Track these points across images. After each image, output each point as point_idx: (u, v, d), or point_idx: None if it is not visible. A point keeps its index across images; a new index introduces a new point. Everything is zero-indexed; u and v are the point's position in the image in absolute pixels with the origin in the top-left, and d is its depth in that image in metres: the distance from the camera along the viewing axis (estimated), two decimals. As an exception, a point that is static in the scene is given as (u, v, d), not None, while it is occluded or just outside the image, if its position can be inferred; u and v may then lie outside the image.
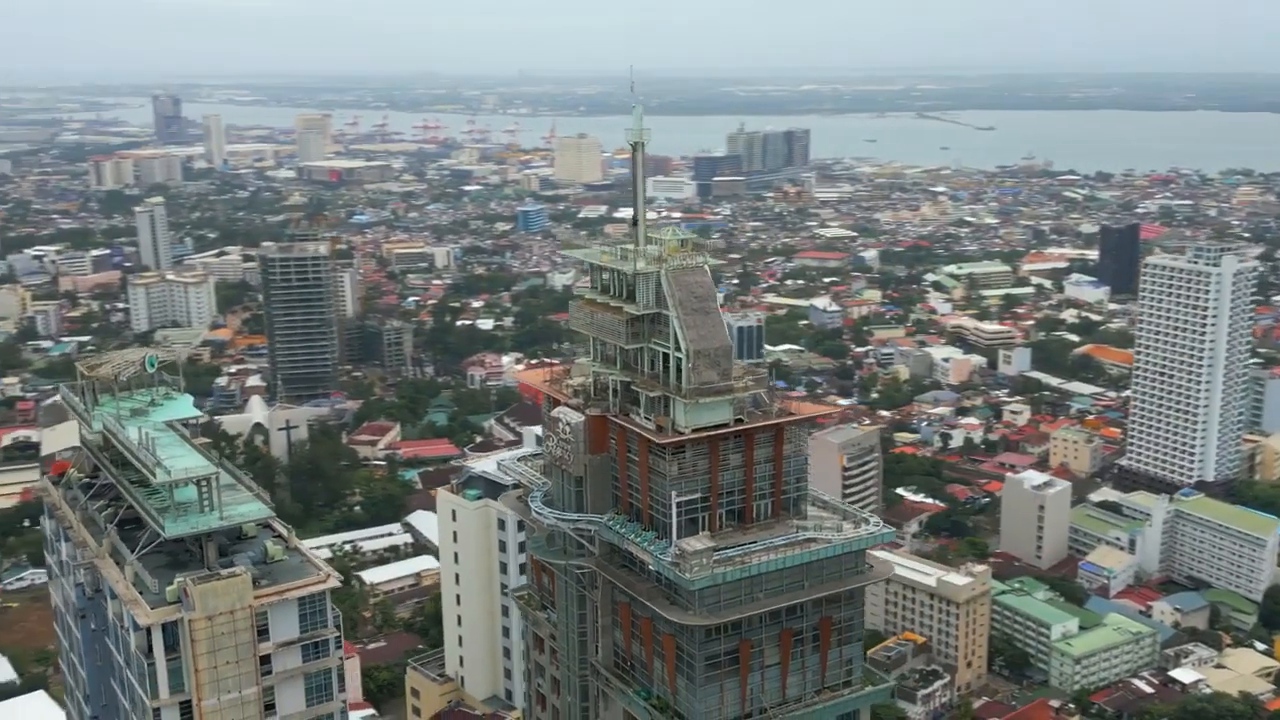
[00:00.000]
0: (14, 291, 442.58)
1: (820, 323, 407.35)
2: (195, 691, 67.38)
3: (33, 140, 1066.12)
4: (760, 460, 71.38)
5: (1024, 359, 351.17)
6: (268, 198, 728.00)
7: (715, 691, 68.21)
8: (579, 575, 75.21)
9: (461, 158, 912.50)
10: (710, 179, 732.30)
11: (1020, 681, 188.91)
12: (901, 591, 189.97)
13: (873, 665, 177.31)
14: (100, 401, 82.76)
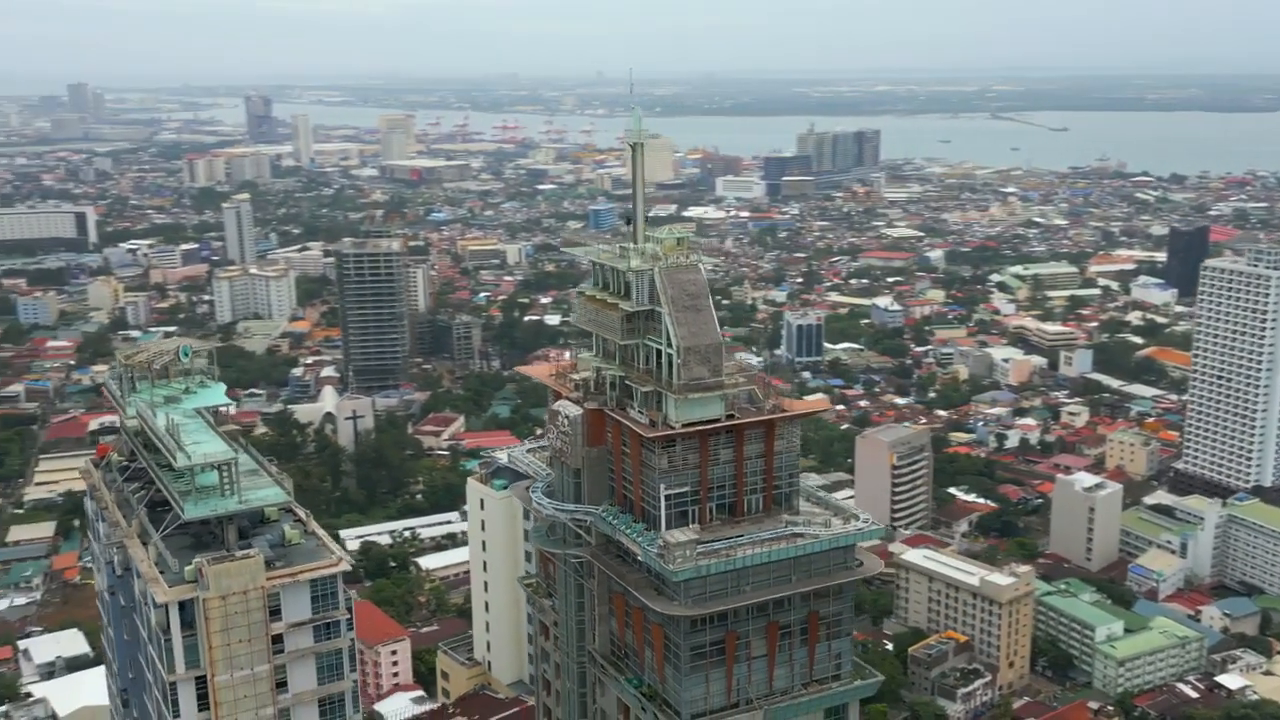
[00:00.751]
0: (108, 283, 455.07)
1: (882, 322, 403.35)
2: (209, 667, 69.10)
3: (133, 139, 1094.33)
4: (751, 455, 71.16)
5: (1085, 360, 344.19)
6: (350, 195, 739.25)
7: (701, 681, 68.26)
8: (577, 565, 75.80)
9: (538, 157, 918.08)
10: (779, 179, 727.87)
11: (1063, 683, 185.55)
12: (945, 590, 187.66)
13: (913, 663, 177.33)
14: (138, 389, 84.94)
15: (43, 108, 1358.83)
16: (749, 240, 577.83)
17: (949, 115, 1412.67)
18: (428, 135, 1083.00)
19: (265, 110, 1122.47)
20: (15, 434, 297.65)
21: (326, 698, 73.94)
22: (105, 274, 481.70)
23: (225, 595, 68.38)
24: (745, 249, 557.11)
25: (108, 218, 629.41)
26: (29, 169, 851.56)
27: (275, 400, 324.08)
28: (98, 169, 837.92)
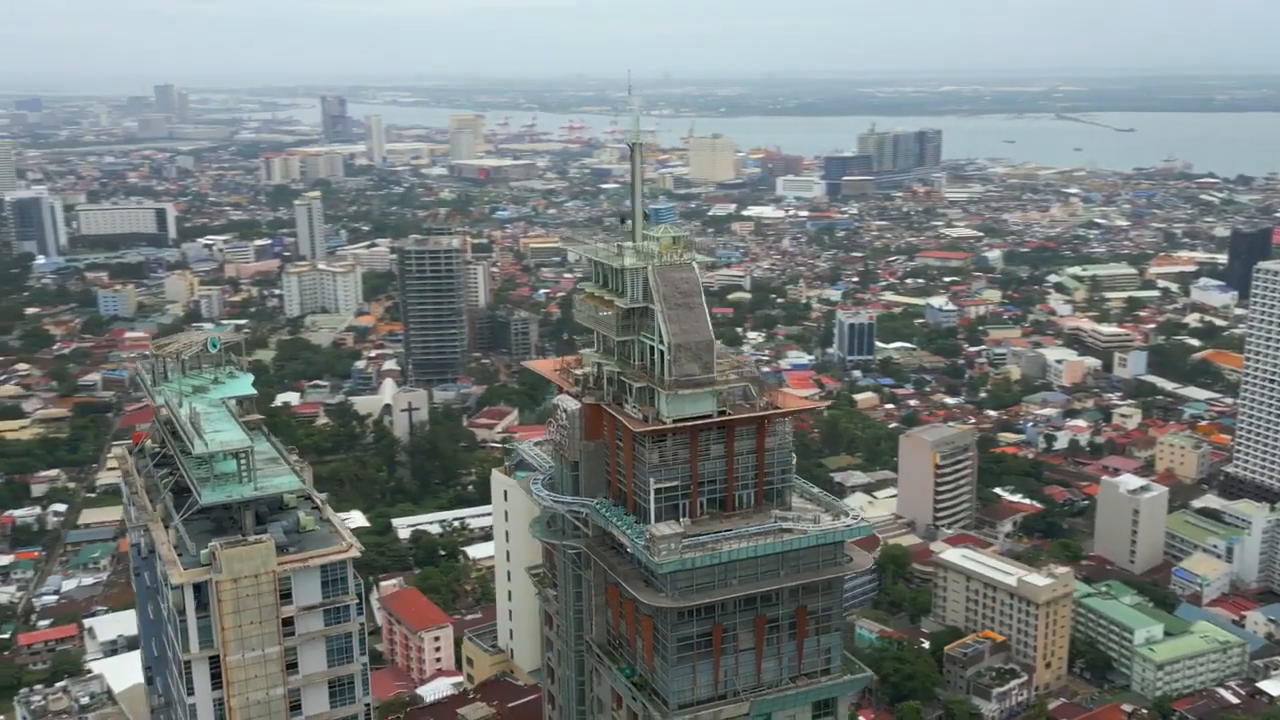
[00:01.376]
0: (184, 277, 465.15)
1: (936, 321, 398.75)
2: (222, 647, 70.58)
3: (214, 138, 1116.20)
4: (742, 451, 70.93)
5: (1140, 362, 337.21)
6: (420, 193, 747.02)
7: (688, 672, 68.21)
8: (574, 556, 76.18)
9: (603, 157, 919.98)
10: (840, 178, 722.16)
11: (1101, 685, 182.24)
12: (982, 590, 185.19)
13: (949, 661, 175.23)
14: (170, 378, 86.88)
15: (131, 108, 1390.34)
16: (806, 239, 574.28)
17: (1014, 116, 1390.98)
18: (496, 135, 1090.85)
19: (340, 110, 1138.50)
20: (91, 421, 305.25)
21: (336, 680, 75.13)
22: (182, 268, 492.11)
23: (237, 578, 69.79)
24: (802, 248, 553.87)
25: (187, 214, 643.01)
26: (116, 167, 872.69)
27: (338, 392, 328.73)
28: (180, 167, 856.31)
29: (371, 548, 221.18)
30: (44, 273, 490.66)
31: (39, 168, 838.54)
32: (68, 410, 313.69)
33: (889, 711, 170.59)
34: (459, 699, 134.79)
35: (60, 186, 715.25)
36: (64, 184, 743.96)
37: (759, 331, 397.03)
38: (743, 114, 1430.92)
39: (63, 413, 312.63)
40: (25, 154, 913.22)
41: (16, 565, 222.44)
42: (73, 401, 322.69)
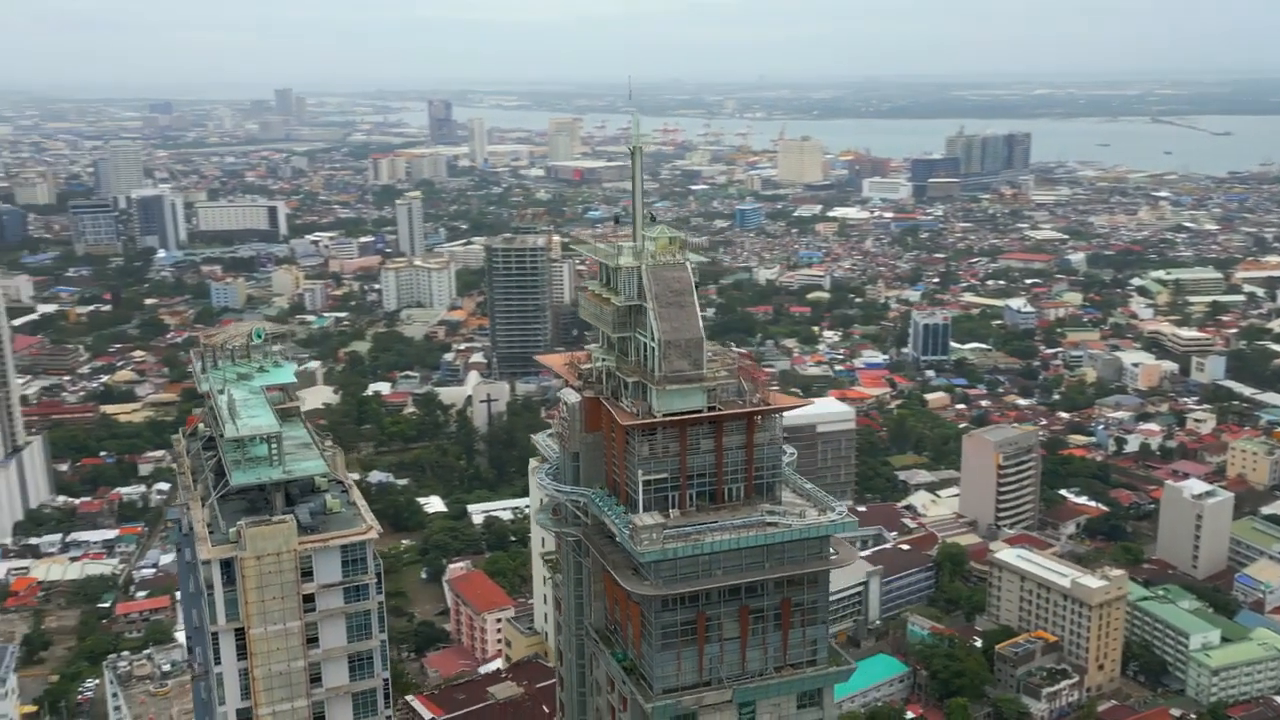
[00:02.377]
0: (290, 271, 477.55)
1: (1013, 323, 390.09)
2: (246, 620, 72.88)
3: (328, 140, 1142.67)
4: (732, 446, 70.65)
5: (1218, 367, 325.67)
6: (516, 194, 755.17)
7: (673, 658, 68.26)
8: (574, 543, 76.83)
9: (694, 159, 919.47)
10: (926, 180, 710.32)
11: (1156, 689, 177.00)
12: (1036, 590, 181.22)
13: (1000, 660, 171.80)
14: (219, 366, 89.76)
15: (252, 111, 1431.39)
16: (889, 240, 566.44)
17: (1108, 119, 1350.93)
18: (593, 138, 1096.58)
19: (445, 114, 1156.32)
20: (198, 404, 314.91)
21: (356, 655, 76.95)
22: (290, 263, 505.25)
23: (260, 555, 71.98)
24: (884, 249, 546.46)
25: (298, 211, 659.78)
26: (235, 166, 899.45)
27: (427, 383, 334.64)
28: (294, 167, 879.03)
29: (446, 531, 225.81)
30: (163, 266, 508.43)
31: (166, 167, 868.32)
32: (176, 395, 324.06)
33: (938, 707, 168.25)
34: (491, 678, 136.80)
35: (184, 185, 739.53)
36: (187, 183, 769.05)
37: (835, 331, 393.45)
38: (836, 117, 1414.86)
39: (172, 397, 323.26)
40: (154, 154, 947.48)
41: (120, 539, 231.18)
42: (181, 387, 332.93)
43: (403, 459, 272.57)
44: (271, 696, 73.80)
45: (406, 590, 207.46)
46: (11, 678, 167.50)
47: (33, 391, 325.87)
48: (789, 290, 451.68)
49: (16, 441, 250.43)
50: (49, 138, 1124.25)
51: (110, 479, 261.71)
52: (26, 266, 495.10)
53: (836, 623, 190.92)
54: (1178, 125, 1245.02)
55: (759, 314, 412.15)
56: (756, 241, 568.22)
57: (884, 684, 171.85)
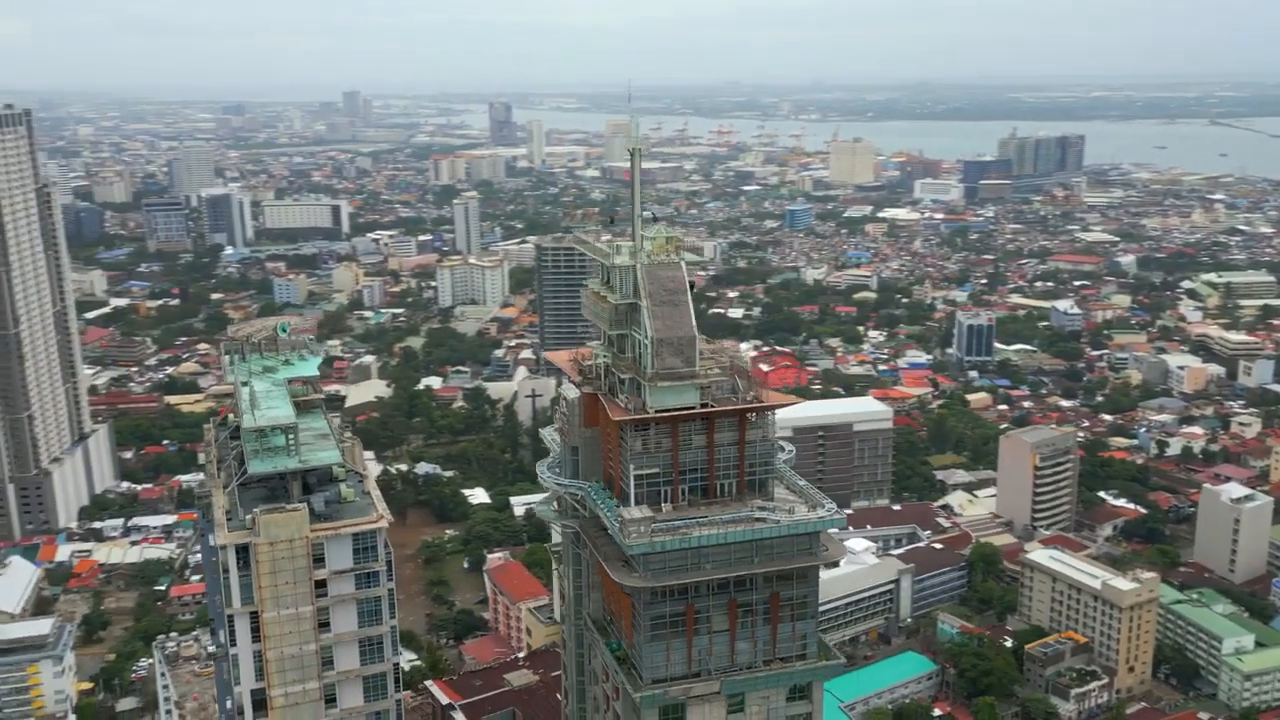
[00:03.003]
0: (349, 269, 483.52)
1: (1060, 324, 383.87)
2: (260, 604, 74.21)
3: (392, 141, 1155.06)
4: (724, 443, 70.44)
5: (1266, 371, 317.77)
6: (573, 194, 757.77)
7: (662, 649, 68.26)
8: (573, 535, 77.09)
9: (747, 160, 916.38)
10: (977, 182, 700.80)
11: (1187, 692, 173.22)
12: (1067, 591, 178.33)
13: (1029, 660, 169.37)
14: (248, 359, 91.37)
15: (321, 113, 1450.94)
16: (938, 241, 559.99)
17: (1165, 121, 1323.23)
18: (649, 139, 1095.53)
19: (506, 116, 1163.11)
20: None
21: (366, 639, 77.99)
22: (351, 260, 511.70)
23: (274, 542, 73.24)
24: (933, 249, 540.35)
25: (361, 210, 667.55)
26: (303, 166, 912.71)
27: (477, 378, 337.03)
28: (359, 167, 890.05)
29: (488, 522, 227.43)
30: (230, 262, 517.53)
31: (237, 167, 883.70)
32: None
33: (965, 706, 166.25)
34: (509, 665, 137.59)
35: (252, 184, 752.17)
36: (256, 182, 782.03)
37: (881, 330, 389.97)
38: (890, 118, 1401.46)
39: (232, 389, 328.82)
40: (226, 154, 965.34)
41: (179, 525, 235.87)
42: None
43: (450, 451, 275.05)
44: (284, 678, 75.07)
45: (449, 579, 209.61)
46: (69, 655, 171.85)
47: (102, 382, 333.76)
48: (836, 290, 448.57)
49: (83, 429, 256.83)
50: (128, 138, 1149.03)
51: (171, 467, 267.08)
52: (101, 262, 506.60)
53: (868, 620, 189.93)
54: (1236, 128, 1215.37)
55: (804, 313, 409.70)
56: (805, 242, 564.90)
57: (911, 681, 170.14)
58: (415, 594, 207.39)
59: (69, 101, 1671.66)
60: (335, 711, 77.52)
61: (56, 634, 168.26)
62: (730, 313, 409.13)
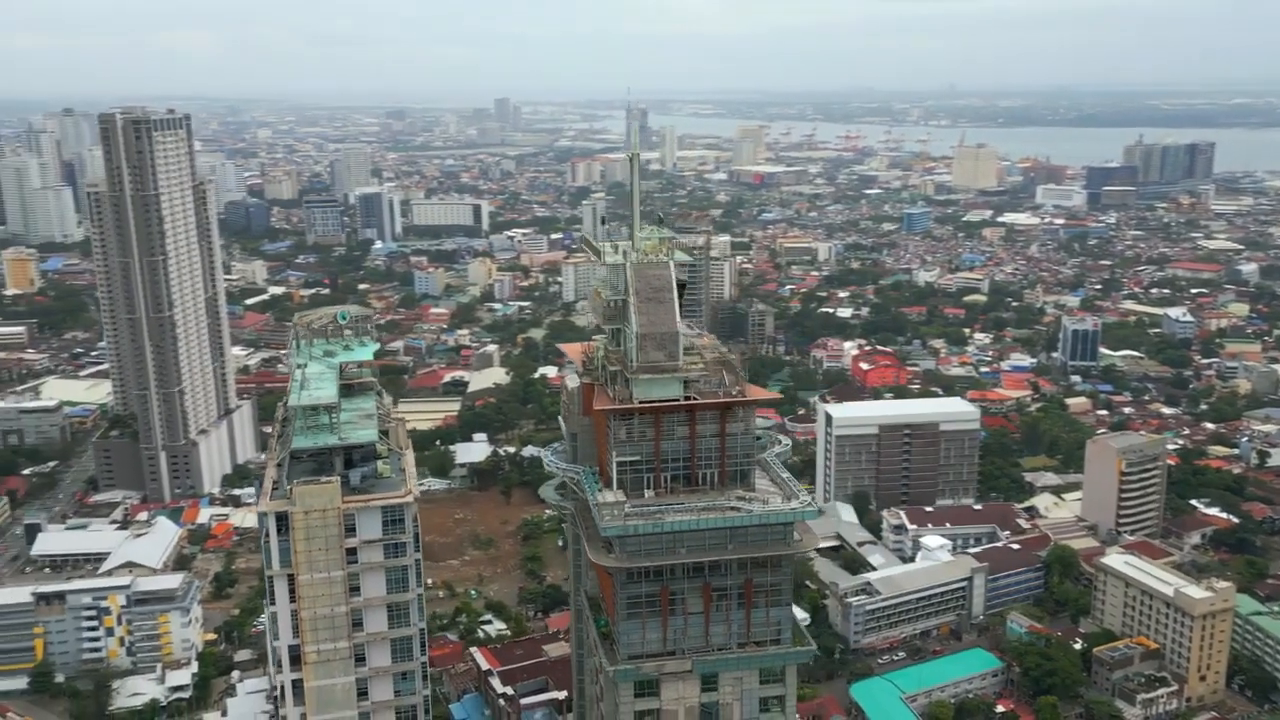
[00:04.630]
0: (484, 263, 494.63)
1: (1171, 331, 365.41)
2: (295, 568, 77.48)
3: (537, 145, 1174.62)
4: (705, 435, 69.95)
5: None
6: (699, 196, 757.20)
7: (638, 627, 68.34)
8: (571, 516, 77.75)
9: (872, 164, 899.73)
10: (1101, 188, 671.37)
11: (1263, 704, 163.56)
12: (1140, 597, 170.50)
13: (1096, 663, 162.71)
14: (314, 344, 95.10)
15: (474, 118, 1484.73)
16: (1055, 246, 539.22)
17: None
18: (778, 144, 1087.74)
19: (642, 121, 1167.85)
20: (388, 381, 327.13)
21: (394, 604, 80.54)
22: (487, 256, 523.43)
23: (308, 511, 76.37)
24: (1049, 254, 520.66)
25: (501, 210, 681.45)
26: (453, 168, 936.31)
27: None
28: (503, 169, 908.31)
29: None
30: (378, 256, 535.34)
31: (394, 168, 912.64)
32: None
33: (1029, 705, 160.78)
34: (549, 638, 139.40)
35: (406, 184, 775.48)
36: (409, 182, 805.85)
37: (987, 333, 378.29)
38: (1021, 125, 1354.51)
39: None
40: (385, 156, 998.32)
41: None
42: (378, 364, 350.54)
43: (557, 435, 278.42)
44: (317, 636, 78.24)
45: (542, 555, 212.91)
46: (197, 608, 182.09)
47: (254, 362, 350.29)
48: (946, 292, 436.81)
49: (229, 405, 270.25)
50: (300, 140, 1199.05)
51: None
52: (264, 253, 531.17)
53: (939, 615, 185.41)
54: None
55: (912, 314, 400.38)
56: (921, 244, 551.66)
57: (976, 677, 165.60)
58: (512, 568, 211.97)
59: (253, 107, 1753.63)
60: (364, 669, 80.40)
61: (185, 589, 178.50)
62: (839, 312, 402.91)
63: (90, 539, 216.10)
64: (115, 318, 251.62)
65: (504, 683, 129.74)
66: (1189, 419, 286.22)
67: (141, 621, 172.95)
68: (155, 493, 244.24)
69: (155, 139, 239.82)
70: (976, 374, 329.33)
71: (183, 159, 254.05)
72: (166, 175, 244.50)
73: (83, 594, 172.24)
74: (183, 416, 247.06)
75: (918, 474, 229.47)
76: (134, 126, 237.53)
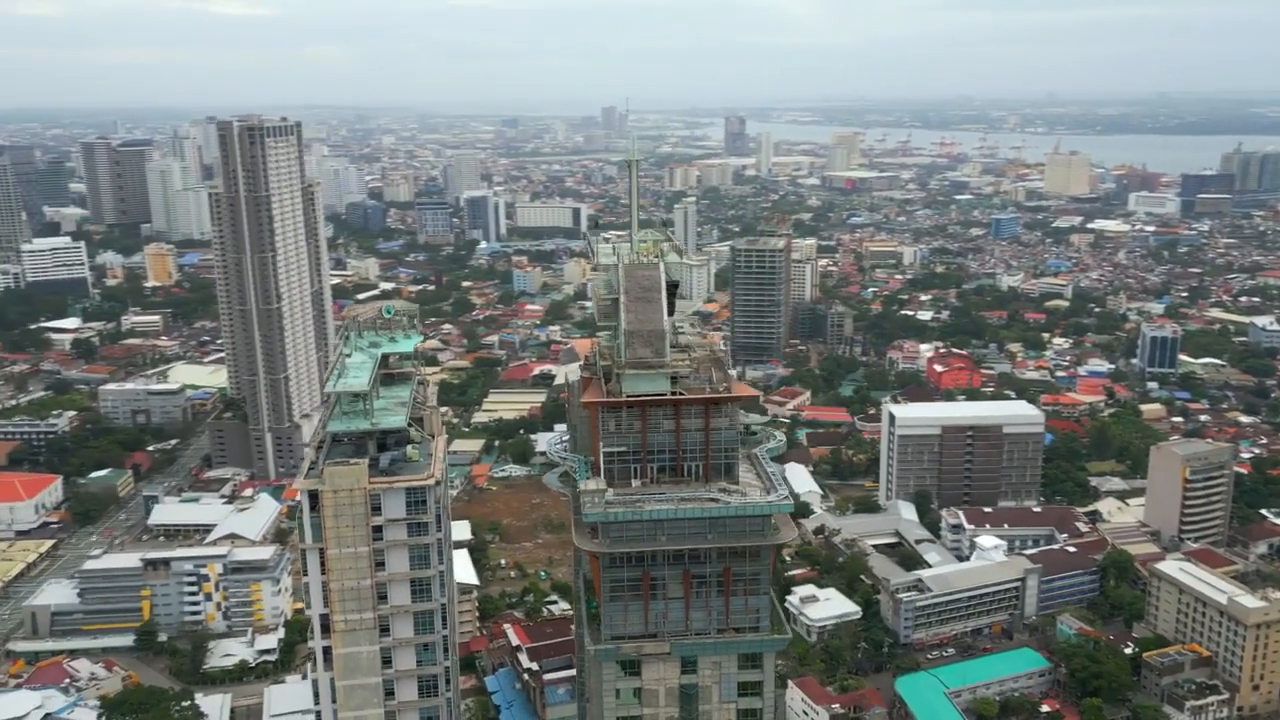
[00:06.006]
0: (579, 263, 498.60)
1: (1257, 340, 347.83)
2: (325, 542, 79.91)
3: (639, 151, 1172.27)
4: (690, 429, 69.51)
5: None
6: (790, 200, 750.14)
7: (620, 609, 68.37)
8: (569, 503, 78.12)
9: (965, 170, 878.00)
10: (1195, 195, 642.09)
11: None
12: (1193, 604, 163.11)
13: (1146, 668, 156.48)
14: (363, 335, 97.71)
15: (582, 125, 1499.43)
16: (1143, 253, 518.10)
17: None
18: (873, 150, 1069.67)
19: (740, 128, 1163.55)
20: (482, 372, 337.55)
21: (417, 580, 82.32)
22: (583, 256, 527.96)
23: (337, 490, 78.70)
24: (1136, 261, 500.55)
25: (600, 213, 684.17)
26: (559, 174, 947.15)
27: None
28: (605, 175, 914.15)
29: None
30: (482, 255, 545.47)
31: (504, 173, 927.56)
32: (469, 363, 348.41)
33: (1074, 706, 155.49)
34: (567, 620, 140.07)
35: (514, 188, 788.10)
36: (517, 186, 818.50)
37: (1067, 338, 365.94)
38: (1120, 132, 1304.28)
39: (465, 364, 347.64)
40: (498, 162, 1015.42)
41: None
42: (474, 356, 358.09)
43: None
44: (345, 607, 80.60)
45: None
46: (286, 578, 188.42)
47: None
48: (1028, 297, 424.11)
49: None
50: (421, 146, 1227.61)
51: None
52: (379, 251, 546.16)
53: (991, 614, 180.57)
54: None
55: (992, 318, 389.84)
56: (1007, 250, 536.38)
57: (1022, 676, 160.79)
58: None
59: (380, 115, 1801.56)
60: (389, 639, 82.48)
61: (276, 560, 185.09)
62: (919, 314, 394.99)
63: (200, 511, 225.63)
64: (230, 309, 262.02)
65: (530, 659, 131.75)
66: (1268, 428, 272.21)
67: (236, 589, 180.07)
68: (261, 471, 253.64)
69: (268, 144, 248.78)
70: (1052, 378, 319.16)
71: (293, 163, 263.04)
72: (277, 178, 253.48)
73: (185, 561, 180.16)
74: (287, 401, 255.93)
75: (980, 475, 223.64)
76: (248, 133, 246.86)
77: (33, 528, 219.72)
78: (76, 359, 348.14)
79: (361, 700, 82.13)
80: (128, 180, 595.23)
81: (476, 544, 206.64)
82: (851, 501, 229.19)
